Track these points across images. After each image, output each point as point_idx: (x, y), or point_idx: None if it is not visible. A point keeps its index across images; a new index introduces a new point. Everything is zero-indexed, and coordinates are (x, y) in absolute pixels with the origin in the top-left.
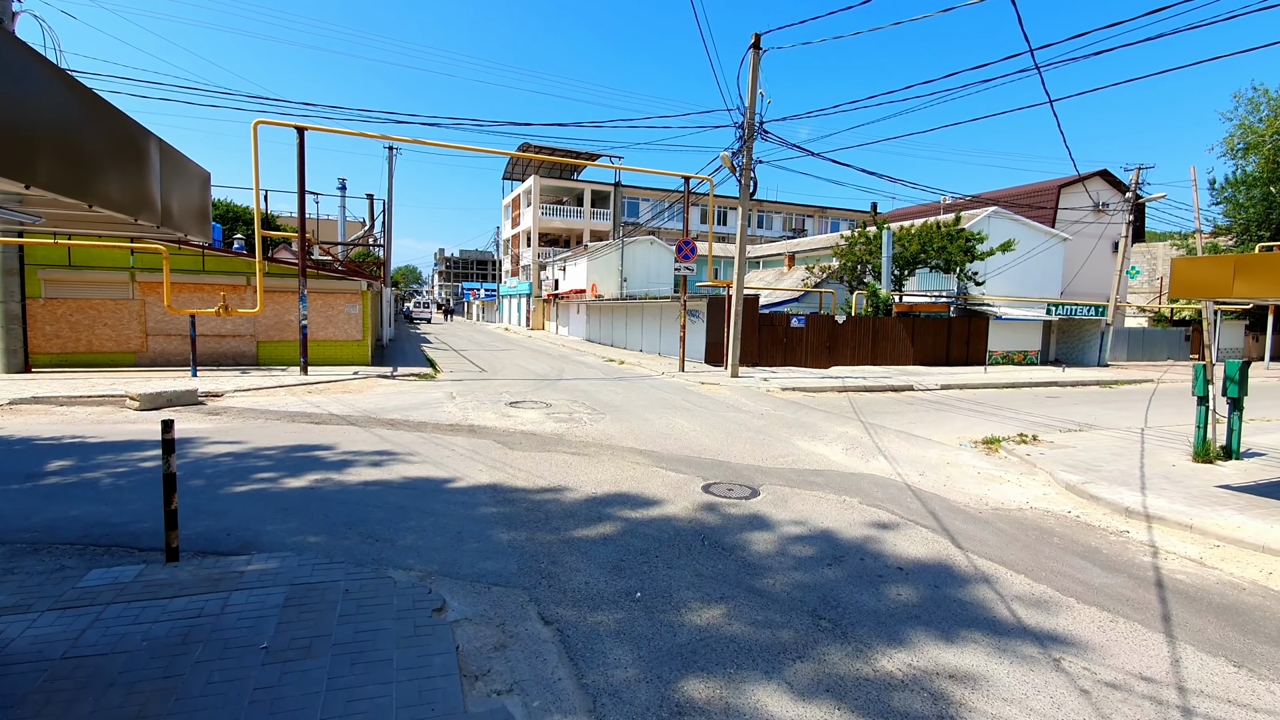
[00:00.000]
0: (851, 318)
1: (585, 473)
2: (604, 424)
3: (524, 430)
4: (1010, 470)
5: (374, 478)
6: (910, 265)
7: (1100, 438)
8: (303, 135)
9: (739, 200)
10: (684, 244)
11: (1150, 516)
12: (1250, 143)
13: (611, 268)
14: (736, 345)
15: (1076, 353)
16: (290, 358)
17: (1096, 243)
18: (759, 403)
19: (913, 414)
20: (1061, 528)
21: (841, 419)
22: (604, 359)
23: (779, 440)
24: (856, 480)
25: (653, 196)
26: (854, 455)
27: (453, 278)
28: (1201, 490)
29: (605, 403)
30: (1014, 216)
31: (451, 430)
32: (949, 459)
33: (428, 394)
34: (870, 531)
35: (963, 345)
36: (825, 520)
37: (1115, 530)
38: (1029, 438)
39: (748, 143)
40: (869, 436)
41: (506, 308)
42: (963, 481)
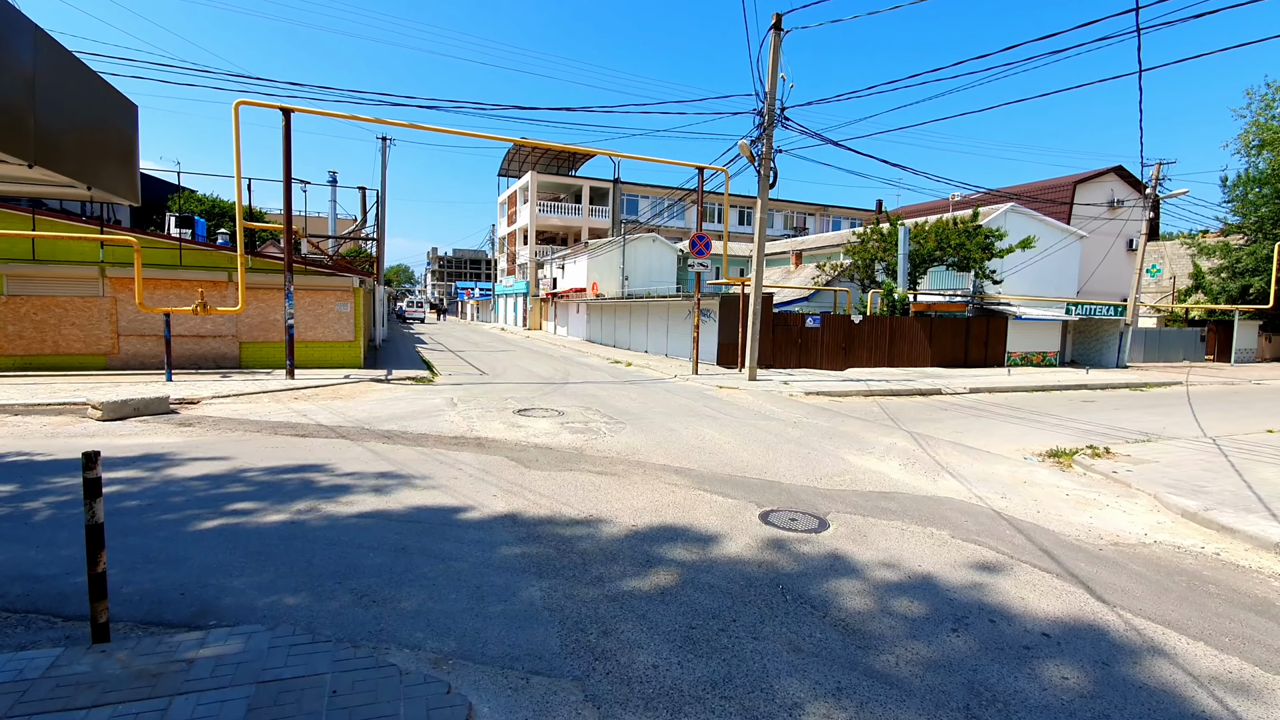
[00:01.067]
0: (868, 317)
1: (618, 498)
2: (626, 435)
3: (538, 444)
4: (1102, 491)
5: (370, 508)
6: (926, 263)
7: (1176, 450)
8: (289, 117)
9: (757, 192)
10: (698, 238)
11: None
12: (1265, 139)
13: (612, 266)
14: (755, 347)
15: (1094, 354)
16: (276, 360)
17: (1115, 240)
18: (787, 409)
19: (954, 421)
20: (1209, 571)
21: (882, 428)
22: (609, 361)
23: (826, 454)
24: (933, 505)
25: (652, 194)
26: (915, 472)
27: (446, 277)
28: None
29: (622, 410)
30: (1031, 213)
31: (456, 444)
32: (1023, 476)
33: (426, 400)
34: (981, 577)
35: (981, 346)
36: (920, 561)
37: (1276, 574)
38: (1100, 450)
39: (767, 130)
40: (921, 449)
41: (502, 307)
42: (1055, 506)
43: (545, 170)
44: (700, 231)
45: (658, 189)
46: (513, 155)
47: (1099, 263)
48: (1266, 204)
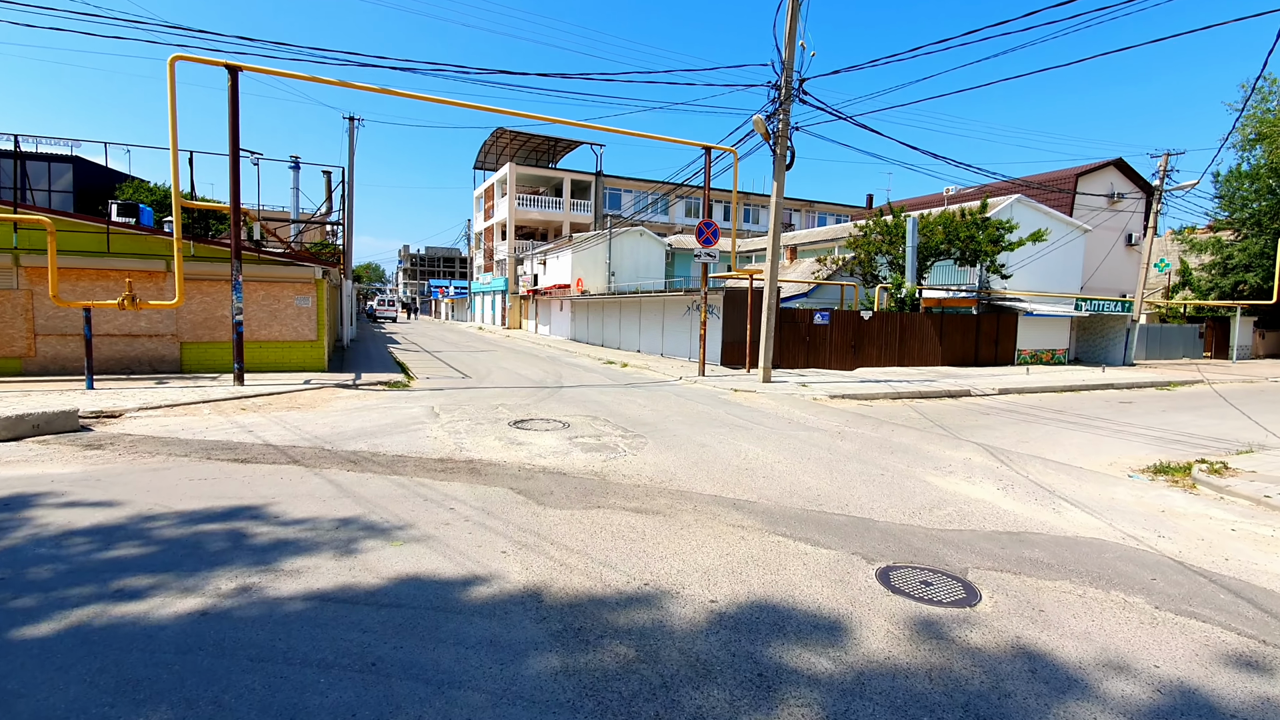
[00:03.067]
0: (877, 314)
1: (674, 551)
2: (651, 453)
3: (546, 467)
4: (1271, 524)
5: (326, 583)
6: (932, 256)
7: None
8: (236, 77)
9: (773, 173)
10: (705, 226)
11: None
12: (1261, 133)
13: (598, 261)
14: (769, 346)
15: (1100, 351)
16: (224, 363)
17: (1119, 235)
18: (820, 416)
19: (1008, 429)
20: None
21: (940, 438)
22: (600, 361)
23: (902, 476)
24: (1086, 552)
25: (636, 188)
26: (1022, 499)
27: (419, 275)
28: None
29: (634, 419)
30: (1037, 205)
31: (444, 470)
32: (1154, 502)
33: (402, 409)
34: (1259, 684)
35: (991, 344)
36: (1149, 656)
37: None
38: (1217, 466)
39: (784, 104)
40: (1005, 465)
41: (479, 306)
42: (1234, 548)
43: (524, 162)
44: (708, 219)
45: (642, 183)
46: (489, 147)
47: (1102, 258)
48: (1262, 198)
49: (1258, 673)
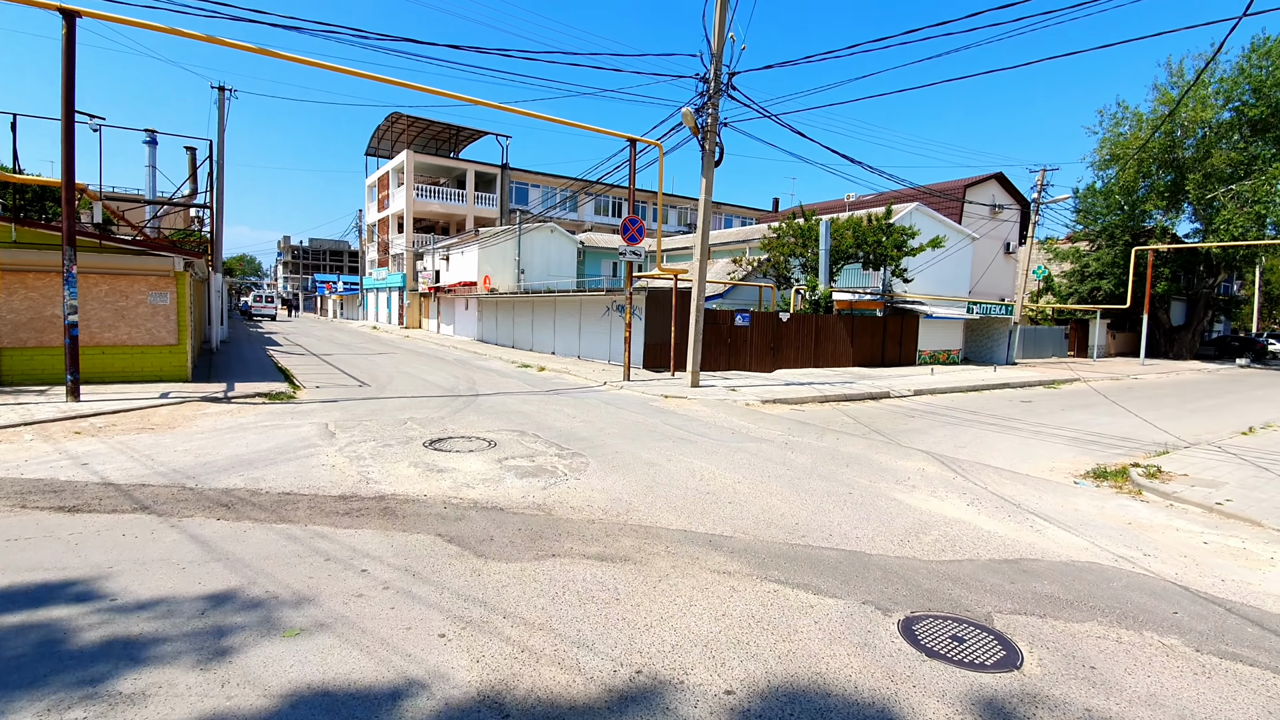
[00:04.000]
0: (795, 316)
1: (659, 617)
2: (596, 476)
3: (478, 501)
4: (1236, 534)
5: (185, 714)
6: (842, 260)
7: (1210, 462)
8: (73, 23)
9: (701, 169)
10: (630, 222)
11: None
12: (1115, 154)
13: (506, 258)
14: (698, 349)
15: (986, 351)
16: (56, 373)
17: (1000, 244)
18: (760, 424)
19: (939, 432)
20: None
21: (885, 446)
22: (515, 364)
23: (870, 494)
24: (1092, 581)
25: (545, 183)
26: (996, 517)
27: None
28: None
29: (567, 433)
30: (933, 213)
31: (349, 512)
32: (1118, 514)
33: (288, 429)
34: None
35: (896, 345)
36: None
37: None
38: (1153, 470)
39: (713, 98)
40: (960, 476)
41: (373, 303)
42: (1218, 565)
43: (424, 151)
44: (633, 215)
45: (551, 178)
46: (384, 132)
47: (986, 265)
48: (1113, 213)
49: None
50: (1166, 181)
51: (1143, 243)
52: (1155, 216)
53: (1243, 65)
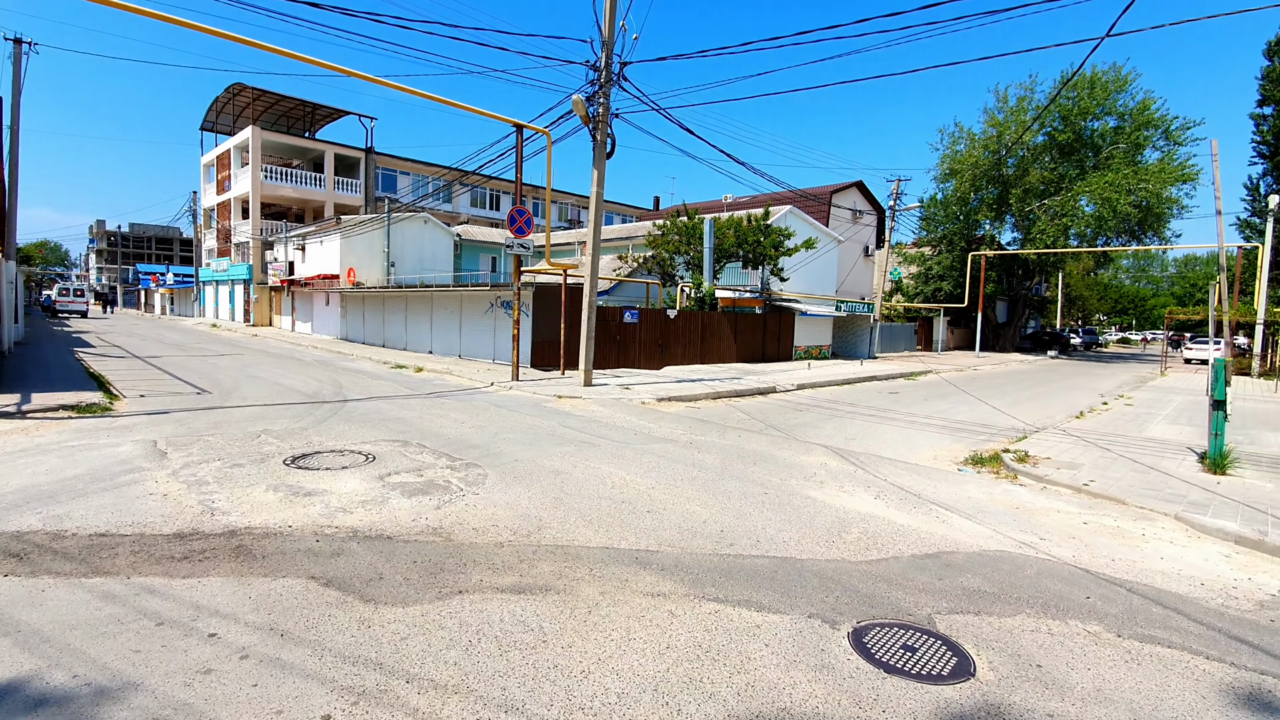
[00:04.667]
0: (682, 313)
1: (597, 658)
2: (497, 489)
3: (359, 529)
4: (1109, 514)
5: None
6: (725, 258)
7: (1065, 445)
8: None
9: (593, 160)
10: (517, 213)
11: None
12: (953, 169)
13: (374, 249)
14: (591, 346)
15: (851, 346)
16: None
17: (860, 247)
18: (660, 424)
19: (828, 425)
20: None
21: (785, 442)
22: (388, 365)
23: (781, 491)
24: (1009, 570)
25: (416, 170)
26: (903, 509)
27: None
28: None
29: (456, 441)
30: (805, 216)
31: (188, 556)
32: (1005, 499)
33: (103, 449)
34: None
35: (775, 341)
36: (1172, 713)
37: None
38: (1020, 454)
39: (604, 87)
40: (860, 469)
41: (212, 298)
42: (1104, 545)
43: (273, 128)
44: (520, 205)
45: (423, 165)
46: (224, 105)
47: (850, 266)
48: (951, 222)
49: (1264, 708)
50: (993, 195)
51: (975, 249)
52: (985, 226)
53: (1055, 96)
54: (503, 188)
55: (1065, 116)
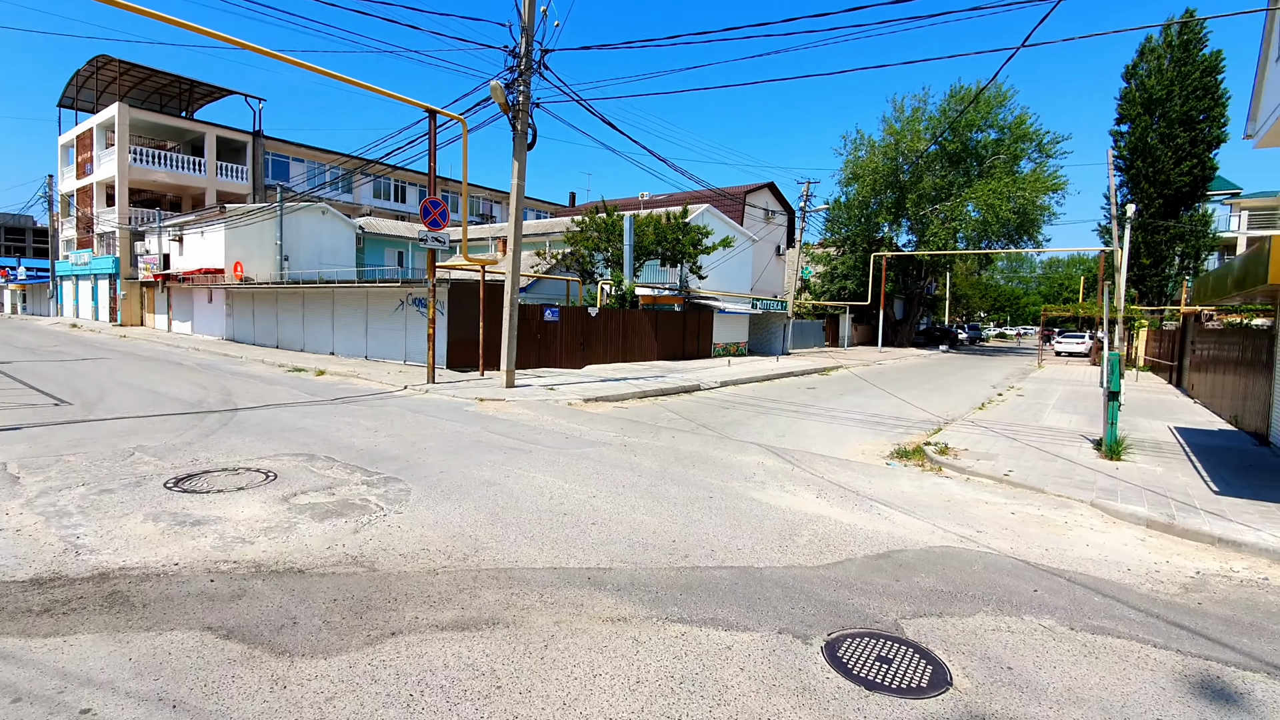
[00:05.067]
0: (603, 311)
1: (561, 701)
2: (424, 506)
3: (264, 562)
4: (1033, 504)
5: None
6: (644, 256)
7: (976, 436)
8: None
9: (513, 150)
10: (431, 204)
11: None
12: (855, 174)
13: (265, 241)
14: (513, 346)
15: (766, 343)
16: None
17: (772, 247)
18: (591, 426)
19: (756, 421)
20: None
21: (719, 442)
22: (284, 368)
23: (725, 494)
24: (957, 567)
25: (312, 157)
26: (845, 507)
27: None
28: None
29: (370, 453)
30: (722, 215)
31: (49, 607)
32: (936, 492)
33: None
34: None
35: (695, 339)
36: (1138, 706)
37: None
38: (940, 446)
39: (524, 74)
40: (796, 467)
41: (72, 294)
42: (1035, 535)
43: (144, 105)
44: (434, 196)
45: (321, 153)
46: (86, 79)
47: (764, 265)
48: (854, 224)
49: (1211, 695)
50: (892, 200)
51: (876, 250)
52: (884, 228)
53: (945, 108)
54: (409, 179)
55: (954, 128)
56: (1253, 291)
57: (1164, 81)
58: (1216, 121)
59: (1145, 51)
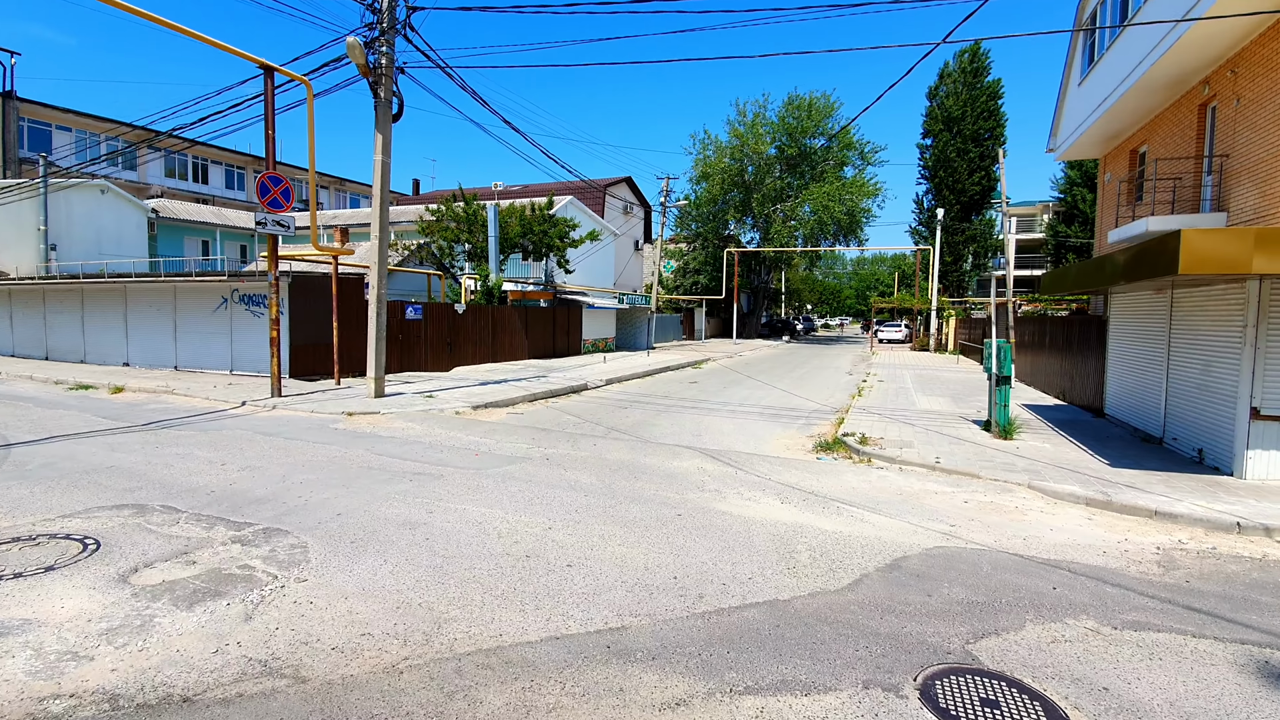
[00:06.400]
0: (471, 307)
1: None
2: (334, 567)
3: (118, 692)
4: (978, 491)
5: None
6: (509, 249)
7: (882, 426)
8: None
9: (375, 122)
10: (271, 180)
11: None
12: (705, 172)
13: (22, 225)
14: (383, 348)
15: (630, 338)
16: None
17: (633, 241)
18: (497, 438)
19: (664, 421)
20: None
21: (645, 448)
22: (64, 386)
23: (694, 510)
24: (967, 572)
25: (87, 126)
26: (819, 512)
27: None
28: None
29: (226, 494)
30: (585, 208)
31: None
32: (885, 486)
33: None
34: None
35: (565, 335)
36: (1236, 702)
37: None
38: (863, 438)
39: (387, 33)
40: (737, 469)
41: None
42: (1000, 525)
43: None
44: (274, 170)
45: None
46: None
47: (626, 260)
48: (704, 221)
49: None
50: (739, 198)
51: (725, 246)
52: (732, 226)
53: (783, 114)
54: (212, 155)
55: (791, 134)
56: (1140, 285)
57: (959, 103)
58: (998, 140)
59: (944, 75)
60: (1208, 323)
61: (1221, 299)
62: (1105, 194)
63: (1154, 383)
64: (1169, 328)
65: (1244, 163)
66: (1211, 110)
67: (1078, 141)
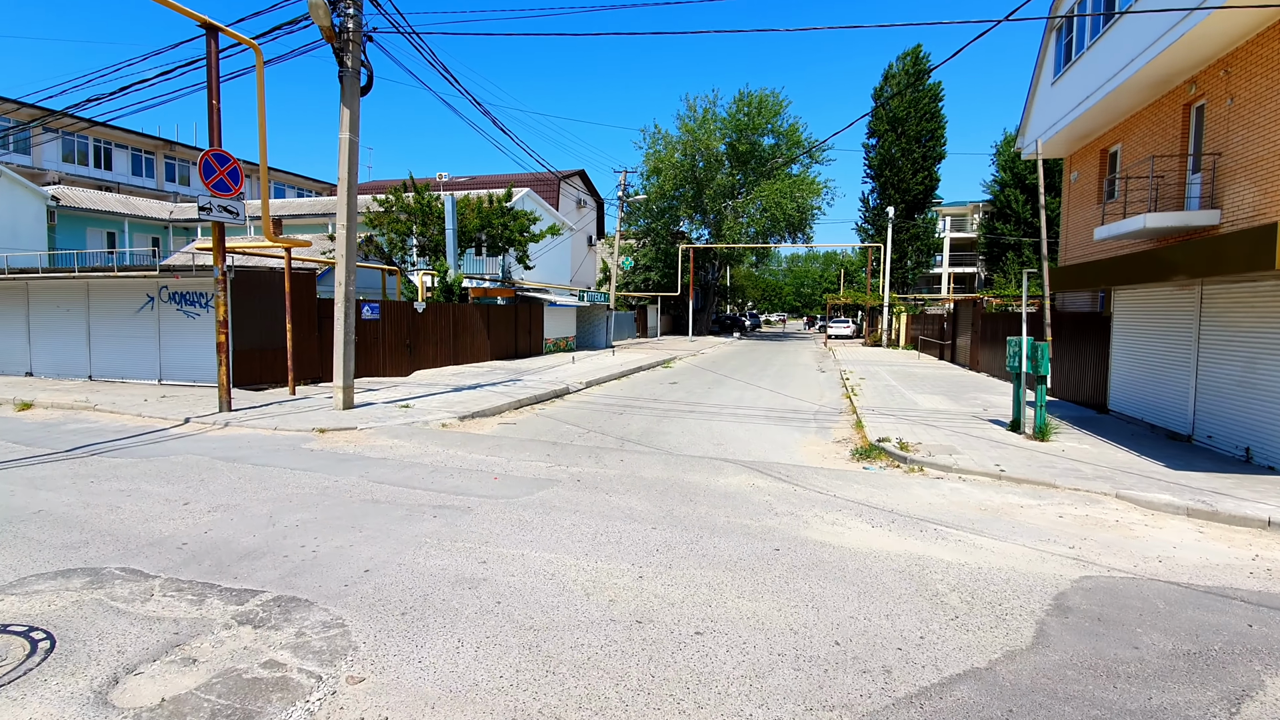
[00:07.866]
0: (432, 306)
1: None
2: (392, 658)
3: None
4: (1057, 501)
5: None
6: (466, 243)
7: (891, 423)
8: None
9: (341, 96)
10: (217, 159)
11: None
12: (656, 167)
13: None
14: (350, 353)
15: (590, 336)
16: None
17: (586, 236)
18: (507, 456)
19: (674, 430)
20: None
21: (677, 462)
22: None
23: (788, 542)
24: (1147, 611)
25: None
26: (915, 537)
27: None
28: None
29: (203, 546)
30: (542, 200)
31: None
32: (962, 500)
33: None
34: None
35: (527, 334)
36: None
37: None
38: (906, 444)
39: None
40: (798, 486)
41: None
42: (1123, 544)
43: None
44: (219, 147)
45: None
46: None
47: (581, 257)
48: (655, 217)
49: None
50: (690, 194)
51: (677, 242)
52: (684, 222)
53: (733, 111)
54: (117, 138)
55: (740, 131)
56: (1253, 275)
57: (904, 104)
58: (939, 141)
59: (889, 76)
60: (1252, 319)
61: (1271, 296)
62: (1072, 193)
63: (1177, 379)
64: (1198, 324)
65: (1240, 161)
66: (1198, 109)
67: (1050, 141)
